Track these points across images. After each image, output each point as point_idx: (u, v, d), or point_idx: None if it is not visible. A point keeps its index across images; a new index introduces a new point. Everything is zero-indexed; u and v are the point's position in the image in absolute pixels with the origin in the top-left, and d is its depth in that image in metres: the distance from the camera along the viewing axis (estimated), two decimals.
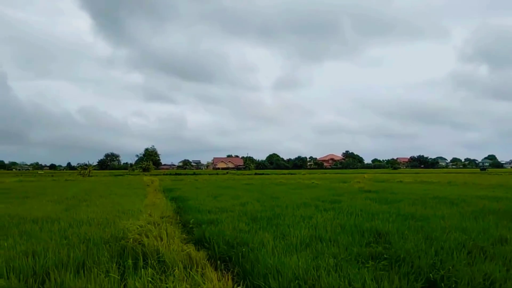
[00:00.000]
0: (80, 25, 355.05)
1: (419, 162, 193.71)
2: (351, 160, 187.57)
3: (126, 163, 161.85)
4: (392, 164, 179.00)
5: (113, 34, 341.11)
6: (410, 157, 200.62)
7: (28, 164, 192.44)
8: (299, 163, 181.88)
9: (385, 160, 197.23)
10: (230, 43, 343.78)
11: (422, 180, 36.58)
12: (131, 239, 6.30)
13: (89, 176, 62.28)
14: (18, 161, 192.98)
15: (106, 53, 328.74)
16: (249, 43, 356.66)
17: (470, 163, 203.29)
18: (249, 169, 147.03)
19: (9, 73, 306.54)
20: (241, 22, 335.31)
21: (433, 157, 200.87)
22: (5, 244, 6.60)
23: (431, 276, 4.98)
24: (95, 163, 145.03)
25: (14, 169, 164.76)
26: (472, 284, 4.71)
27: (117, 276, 4.81)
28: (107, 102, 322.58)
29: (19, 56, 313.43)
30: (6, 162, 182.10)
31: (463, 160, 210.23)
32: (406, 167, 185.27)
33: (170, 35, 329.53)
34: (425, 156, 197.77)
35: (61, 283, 4.51)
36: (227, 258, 6.29)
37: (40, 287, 4.55)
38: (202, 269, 5.31)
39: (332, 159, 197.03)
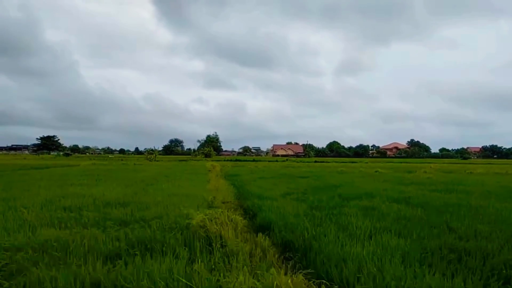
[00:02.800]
0: (143, 14, 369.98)
1: (492, 152, 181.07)
2: (416, 149, 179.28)
3: (189, 148, 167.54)
4: (462, 154, 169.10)
5: (174, 21, 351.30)
6: (482, 147, 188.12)
7: (100, 148, 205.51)
8: (361, 151, 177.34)
9: (454, 149, 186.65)
10: (291, 27, 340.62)
11: (495, 172, 34.13)
12: (196, 224, 6.49)
13: (155, 160, 65.12)
14: (91, 145, 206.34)
15: (168, 40, 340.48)
16: (310, 26, 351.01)
17: None
18: (309, 156, 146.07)
19: (80, 62, 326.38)
20: (302, 4, 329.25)
21: (508, 146, 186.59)
22: (83, 229, 7.05)
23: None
24: (161, 148, 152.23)
25: (87, 153, 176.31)
26: None
27: (185, 258, 4.99)
28: (170, 89, 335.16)
29: (89, 45, 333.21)
30: (80, 146, 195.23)
31: None
32: (477, 157, 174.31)
33: (230, 20, 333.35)
34: (498, 145, 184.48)
35: (132, 263, 4.75)
36: (290, 244, 6.29)
37: (122, 266, 4.82)
38: (265, 255, 5.36)
39: (396, 147, 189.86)
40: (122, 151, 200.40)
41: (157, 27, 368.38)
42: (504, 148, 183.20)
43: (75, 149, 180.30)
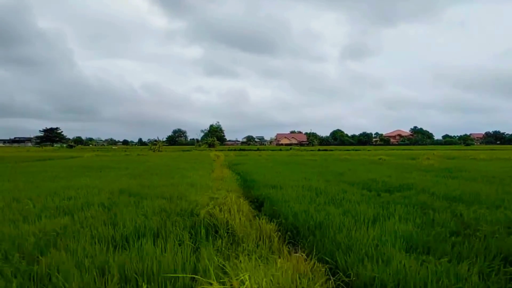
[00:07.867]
0: (138, 2, 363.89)
1: (495, 138, 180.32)
2: (419, 136, 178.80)
3: (193, 138, 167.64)
4: (465, 140, 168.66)
5: (168, 5, 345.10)
6: (485, 133, 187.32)
7: (103, 139, 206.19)
8: (364, 139, 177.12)
9: (457, 136, 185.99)
10: (291, 8, 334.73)
11: (498, 157, 34.04)
12: (202, 212, 6.55)
13: (159, 151, 65.32)
14: (94, 137, 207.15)
15: (163, 26, 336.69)
16: (312, 7, 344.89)
17: None
18: (313, 145, 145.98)
19: (75, 51, 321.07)
20: None
21: (511, 132, 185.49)
22: (89, 214, 7.15)
23: None
24: (164, 139, 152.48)
25: (90, 145, 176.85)
26: None
27: (191, 244, 5.05)
28: (169, 78, 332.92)
29: (83, 34, 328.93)
30: (84, 138, 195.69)
31: None
32: (480, 143, 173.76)
33: (227, 1, 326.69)
34: (501, 131, 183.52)
35: (139, 249, 4.82)
36: (295, 231, 6.35)
37: (123, 251, 4.88)
38: (271, 241, 5.42)
39: (399, 135, 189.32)
40: (125, 142, 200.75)
41: (150, 13, 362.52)
42: (507, 134, 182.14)
43: (78, 141, 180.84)
